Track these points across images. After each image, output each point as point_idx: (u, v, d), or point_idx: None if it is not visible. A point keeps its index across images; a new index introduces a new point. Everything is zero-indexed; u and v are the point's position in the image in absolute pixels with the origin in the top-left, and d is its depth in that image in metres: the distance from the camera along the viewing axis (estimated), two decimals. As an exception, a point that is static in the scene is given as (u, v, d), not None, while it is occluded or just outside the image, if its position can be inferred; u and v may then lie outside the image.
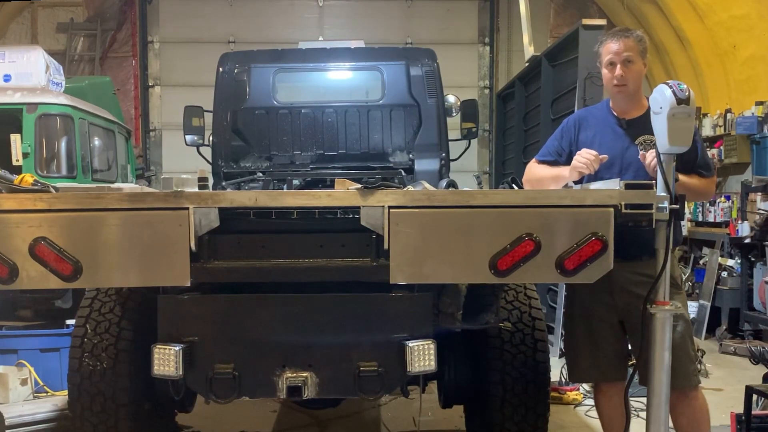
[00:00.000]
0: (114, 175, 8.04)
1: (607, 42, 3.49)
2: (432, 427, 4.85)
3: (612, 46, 3.46)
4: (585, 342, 3.57)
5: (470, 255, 2.69)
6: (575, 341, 3.64)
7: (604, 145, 3.47)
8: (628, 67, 3.44)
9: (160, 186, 10.21)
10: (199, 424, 4.74)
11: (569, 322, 3.72)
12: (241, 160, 5.77)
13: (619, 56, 3.43)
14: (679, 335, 3.35)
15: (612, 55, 3.45)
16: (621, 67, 3.43)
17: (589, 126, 3.62)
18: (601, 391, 3.66)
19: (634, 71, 3.45)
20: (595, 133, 3.56)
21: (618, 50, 3.44)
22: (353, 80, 6.31)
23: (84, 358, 3.50)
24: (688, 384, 3.41)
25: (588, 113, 3.75)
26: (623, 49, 3.43)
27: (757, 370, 6.21)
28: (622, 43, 3.44)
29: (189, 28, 12.49)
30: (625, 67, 3.43)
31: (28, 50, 7.14)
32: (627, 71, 3.44)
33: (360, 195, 2.69)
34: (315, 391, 2.94)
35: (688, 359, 3.40)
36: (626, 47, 3.43)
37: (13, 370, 5.60)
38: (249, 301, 3.00)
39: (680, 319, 3.37)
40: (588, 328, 3.55)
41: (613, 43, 3.46)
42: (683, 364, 3.35)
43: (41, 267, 2.67)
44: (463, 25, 12.76)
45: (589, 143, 3.53)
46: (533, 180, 3.69)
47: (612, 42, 3.46)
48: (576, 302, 3.63)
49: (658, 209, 2.76)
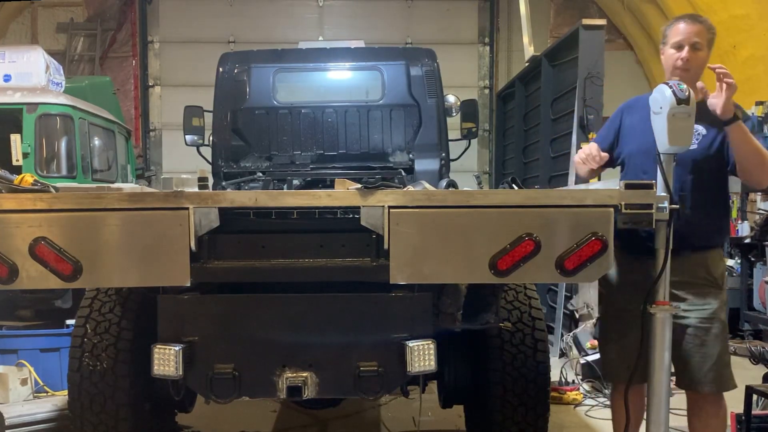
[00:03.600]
0: (114, 175, 8.04)
1: (679, 22, 3.34)
2: (432, 427, 4.85)
3: (683, 27, 3.31)
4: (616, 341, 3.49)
5: (470, 255, 2.69)
6: (607, 340, 3.60)
7: (644, 131, 3.27)
8: (695, 52, 3.29)
9: (160, 186, 10.23)
10: (199, 424, 4.74)
11: (603, 321, 3.71)
12: (241, 160, 5.76)
13: (689, 39, 3.29)
14: (713, 337, 3.29)
15: (682, 37, 3.30)
16: (688, 50, 3.29)
17: (634, 112, 3.51)
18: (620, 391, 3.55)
19: (699, 58, 3.31)
20: (639, 119, 3.41)
21: (688, 33, 3.29)
22: (353, 80, 6.31)
23: (84, 358, 3.49)
24: (725, 387, 3.34)
25: (636, 100, 3.61)
26: (695, 33, 3.29)
27: (757, 370, 6.20)
28: (693, 27, 3.29)
29: (189, 28, 12.50)
30: (692, 51, 3.29)
31: (28, 50, 7.14)
32: (693, 56, 3.29)
33: (360, 195, 2.69)
34: (315, 391, 2.94)
35: (723, 363, 3.32)
36: (698, 32, 3.29)
37: (13, 370, 5.61)
38: (249, 301, 3.00)
39: (715, 321, 3.30)
40: (620, 327, 3.45)
41: (685, 24, 3.31)
42: (718, 369, 3.29)
43: (41, 267, 2.67)
44: (463, 25, 12.77)
45: (629, 129, 3.47)
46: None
47: (684, 23, 3.32)
48: (609, 302, 3.58)
49: (658, 209, 2.75)
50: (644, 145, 3.25)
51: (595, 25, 7.23)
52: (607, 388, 5.90)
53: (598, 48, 7.15)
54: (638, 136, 3.36)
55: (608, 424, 4.06)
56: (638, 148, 3.37)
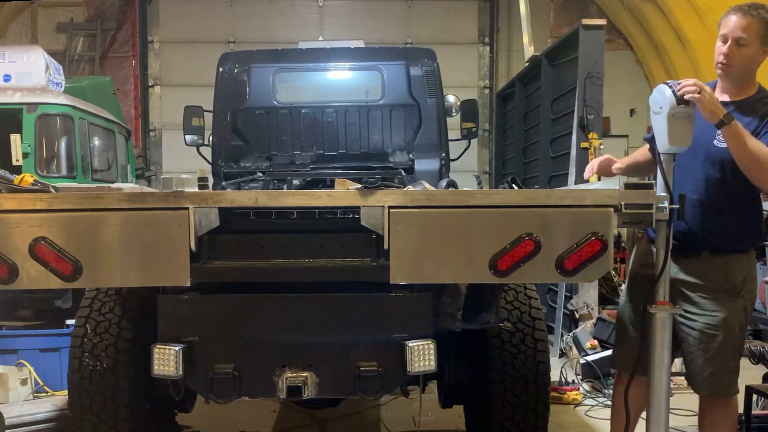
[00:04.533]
0: (114, 175, 8.04)
1: (730, 14, 3.15)
2: (432, 427, 4.85)
3: (731, 20, 3.13)
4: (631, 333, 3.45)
5: (470, 255, 2.69)
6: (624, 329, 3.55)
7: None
8: (739, 48, 3.12)
9: (160, 186, 10.22)
10: (199, 424, 4.74)
11: (621, 311, 3.62)
12: (241, 160, 5.77)
13: (733, 33, 3.11)
14: (719, 344, 3.22)
15: (727, 30, 3.13)
16: (731, 45, 3.12)
17: None
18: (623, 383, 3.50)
19: (744, 53, 3.12)
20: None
21: (735, 26, 3.10)
22: (353, 80, 6.31)
23: (84, 358, 3.49)
24: (723, 393, 3.30)
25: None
26: (741, 27, 3.09)
27: (757, 370, 6.19)
28: (742, 20, 3.09)
29: (189, 28, 12.50)
30: (735, 46, 3.12)
31: (28, 50, 7.14)
32: (736, 51, 3.12)
33: (360, 195, 2.69)
34: (315, 391, 2.94)
35: (727, 370, 3.26)
36: (745, 26, 3.09)
37: (13, 370, 5.60)
38: (249, 301, 2.99)
39: (722, 329, 3.21)
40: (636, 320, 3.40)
41: (734, 16, 3.13)
42: (719, 375, 3.24)
43: (41, 267, 2.67)
44: (463, 25, 12.77)
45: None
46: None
47: (733, 15, 3.13)
48: (630, 293, 3.54)
49: (658, 209, 2.75)
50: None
51: (595, 25, 7.24)
52: (607, 388, 5.91)
53: (598, 48, 7.15)
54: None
55: (608, 424, 4.06)
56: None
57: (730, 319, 3.22)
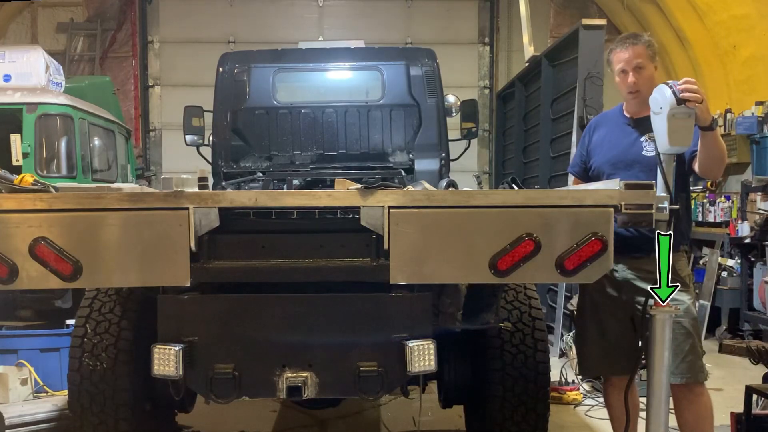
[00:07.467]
0: (114, 175, 8.04)
1: (617, 51, 3.56)
2: (432, 427, 4.85)
3: (622, 55, 3.53)
4: (595, 335, 3.65)
5: (470, 255, 2.69)
6: (585, 335, 3.71)
7: (612, 142, 3.61)
8: (640, 73, 3.50)
9: (160, 186, 10.20)
10: (199, 424, 4.74)
11: (580, 316, 3.79)
12: (241, 160, 5.77)
13: (630, 64, 3.50)
14: (685, 330, 3.40)
15: (623, 64, 3.53)
16: (633, 74, 3.50)
17: (601, 127, 3.76)
18: (612, 384, 3.75)
19: (645, 77, 3.51)
20: (606, 132, 3.69)
21: (628, 58, 3.51)
22: (353, 80, 6.31)
23: (84, 358, 3.50)
24: (694, 379, 3.45)
25: (602, 116, 3.90)
26: (633, 56, 3.50)
27: (757, 370, 6.19)
28: (631, 51, 3.50)
29: (189, 28, 12.49)
30: (637, 73, 3.50)
31: (28, 50, 7.13)
32: (639, 77, 3.50)
33: (360, 195, 2.69)
34: (315, 391, 2.94)
35: (698, 355, 3.46)
36: (636, 54, 3.50)
37: (13, 370, 5.60)
38: (249, 301, 2.99)
39: (687, 315, 3.42)
40: (597, 322, 3.63)
41: (622, 51, 3.53)
42: (693, 360, 3.42)
43: (41, 267, 2.67)
44: (463, 25, 12.76)
45: (599, 142, 3.68)
46: None
47: (621, 51, 3.54)
48: (586, 296, 3.70)
49: (658, 209, 2.75)
50: (611, 156, 3.56)
51: (595, 25, 7.23)
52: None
53: (598, 48, 7.14)
54: (605, 148, 3.62)
55: (608, 424, 4.07)
56: (605, 159, 3.60)
57: (690, 308, 3.46)
